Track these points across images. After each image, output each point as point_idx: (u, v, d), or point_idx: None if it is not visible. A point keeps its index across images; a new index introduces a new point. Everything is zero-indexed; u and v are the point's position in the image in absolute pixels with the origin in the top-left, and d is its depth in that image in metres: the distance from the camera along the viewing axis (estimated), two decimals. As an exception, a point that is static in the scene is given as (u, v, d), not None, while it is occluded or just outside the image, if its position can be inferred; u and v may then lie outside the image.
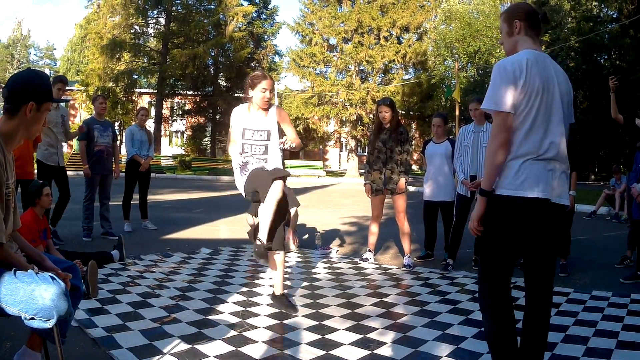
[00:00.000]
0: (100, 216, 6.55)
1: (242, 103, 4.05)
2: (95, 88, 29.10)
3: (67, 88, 6.29)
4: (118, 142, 7.47)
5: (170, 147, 38.79)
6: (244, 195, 3.73)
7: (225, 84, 33.95)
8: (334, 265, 5.35)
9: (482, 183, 2.37)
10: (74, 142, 6.85)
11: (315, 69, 29.03)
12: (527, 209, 2.27)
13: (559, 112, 2.36)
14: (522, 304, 2.60)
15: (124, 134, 10.25)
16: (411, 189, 16.94)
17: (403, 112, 30.24)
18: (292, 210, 6.06)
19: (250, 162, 3.66)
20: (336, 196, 15.38)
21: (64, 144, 6.31)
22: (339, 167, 40.15)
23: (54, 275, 1.99)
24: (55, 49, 61.13)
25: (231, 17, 31.00)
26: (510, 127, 2.28)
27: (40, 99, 2.15)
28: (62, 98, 5.78)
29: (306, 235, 7.10)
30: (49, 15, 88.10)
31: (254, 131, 3.70)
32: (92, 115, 6.82)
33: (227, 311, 3.60)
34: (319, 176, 27.63)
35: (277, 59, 37.77)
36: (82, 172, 6.49)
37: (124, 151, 9.37)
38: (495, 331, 2.33)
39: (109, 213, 6.62)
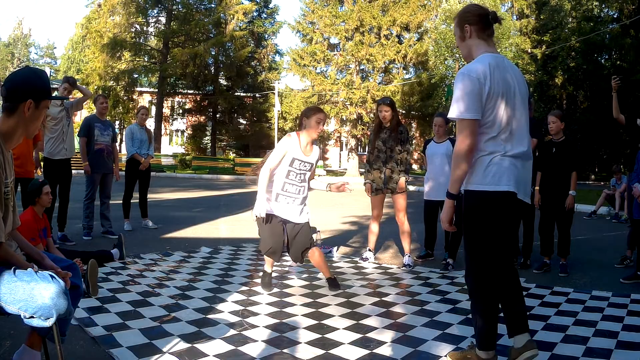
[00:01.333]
0: (101, 215, 6.55)
1: (242, 102, 4.28)
2: (96, 87, 29.10)
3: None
4: (117, 143, 7.45)
5: (171, 146, 38.80)
6: (255, 215, 3.94)
7: (225, 83, 33.95)
8: (334, 264, 5.35)
9: (449, 187, 2.47)
10: (75, 140, 6.80)
11: (316, 68, 29.02)
12: (498, 202, 2.41)
13: (520, 110, 2.47)
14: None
15: (124, 133, 10.25)
16: (411, 188, 16.95)
17: (403, 112, 30.20)
18: None
19: (282, 195, 4.06)
20: (336, 195, 15.37)
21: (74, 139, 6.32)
22: (339, 167, 40.14)
23: (53, 274, 1.99)
24: (55, 47, 61.27)
25: (231, 16, 30.99)
26: (476, 132, 2.39)
27: (38, 97, 2.14)
28: (60, 95, 5.76)
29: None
30: (51, 13, 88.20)
31: (302, 162, 4.06)
32: (93, 113, 6.81)
33: (226, 310, 3.60)
34: (319, 175, 27.57)
35: (277, 58, 37.82)
36: (82, 171, 6.47)
37: (124, 150, 9.36)
38: (481, 305, 2.52)
39: (109, 212, 6.62)
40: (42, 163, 5.94)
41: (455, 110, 2.41)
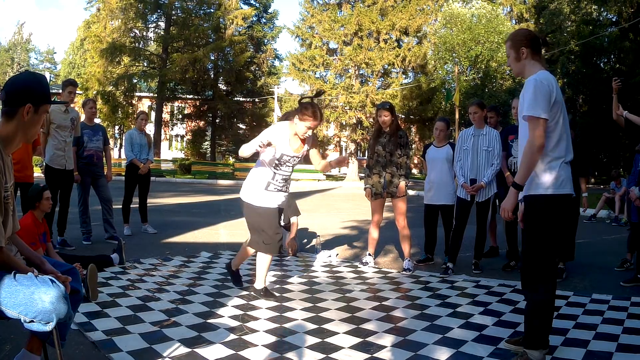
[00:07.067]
0: (104, 221, 6.48)
1: (241, 107, 4.20)
2: (95, 92, 29.12)
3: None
4: (110, 146, 7.39)
5: (170, 151, 38.84)
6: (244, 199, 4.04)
7: (225, 88, 33.99)
8: (334, 269, 5.35)
9: (517, 178, 2.76)
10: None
11: (315, 73, 29.07)
12: (565, 203, 2.78)
13: (568, 123, 2.82)
14: (522, 307, 2.60)
15: (123, 138, 10.25)
16: (411, 192, 16.94)
17: (403, 116, 30.23)
18: (293, 219, 6.05)
19: (274, 185, 4.05)
20: (336, 200, 15.38)
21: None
22: (339, 171, 40.13)
23: (53, 278, 1.99)
24: (55, 52, 61.43)
25: (231, 21, 31.08)
26: (545, 132, 2.69)
27: (37, 101, 2.15)
28: (59, 100, 5.72)
29: (305, 240, 7.09)
30: (53, 19, 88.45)
31: (291, 157, 4.02)
32: (82, 120, 6.56)
33: (227, 315, 3.60)
34: (319, 180, 27.61)
35: (277, 62, 37.92)
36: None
37: (123, 155, 9.32)
38: (547, 305, 2.74)
39: (112, 218, 6.55)
40: (42, 169, 5.88)
41: (530, 110, 2.68)
